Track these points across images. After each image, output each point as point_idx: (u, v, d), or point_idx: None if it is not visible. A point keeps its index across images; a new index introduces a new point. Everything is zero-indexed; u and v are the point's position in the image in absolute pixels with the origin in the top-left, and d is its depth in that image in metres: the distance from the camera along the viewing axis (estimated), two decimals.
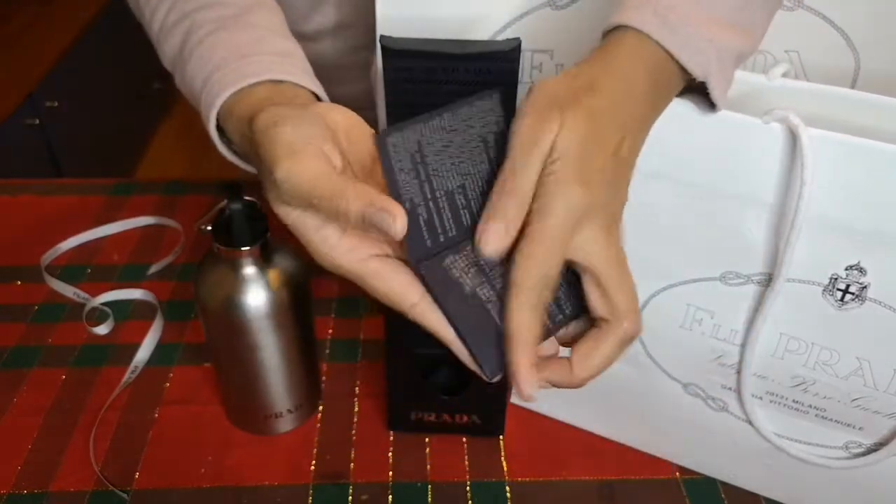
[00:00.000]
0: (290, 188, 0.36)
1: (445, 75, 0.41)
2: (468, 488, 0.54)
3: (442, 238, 0.36)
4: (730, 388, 0.49)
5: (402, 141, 0.36)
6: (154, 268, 0.73)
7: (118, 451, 0.56)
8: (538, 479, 0.55)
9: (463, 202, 0.37)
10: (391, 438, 0.58)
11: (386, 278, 0.37)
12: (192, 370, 0.63)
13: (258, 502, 0.53)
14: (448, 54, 0.41)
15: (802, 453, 0.49)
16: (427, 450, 0.57)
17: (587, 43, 0.41)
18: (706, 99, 0.40)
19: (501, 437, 0.58)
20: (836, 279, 0.42)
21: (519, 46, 0.40)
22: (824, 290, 0.43)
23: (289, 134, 0.37)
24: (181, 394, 0.61)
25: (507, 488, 0.54)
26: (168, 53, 0.53)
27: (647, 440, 0.57)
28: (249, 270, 0.49)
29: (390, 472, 0.55)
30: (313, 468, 0.55)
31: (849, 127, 0.39)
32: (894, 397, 0.44)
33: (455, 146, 0.37)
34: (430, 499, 0.54)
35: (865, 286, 0.42)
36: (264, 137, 0.38)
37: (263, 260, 0.49)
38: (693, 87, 0.41)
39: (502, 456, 0.57)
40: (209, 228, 0.48)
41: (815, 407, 0.47)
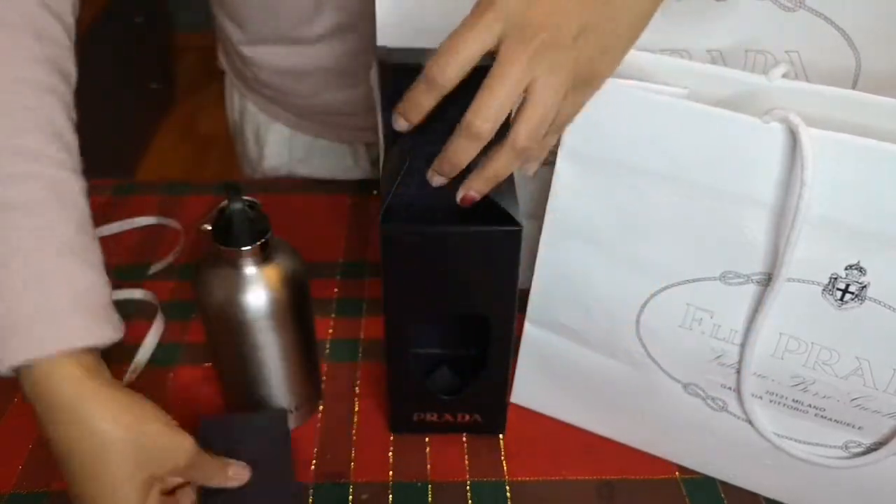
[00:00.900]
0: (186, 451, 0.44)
1: None
2: (468, 488, 0.54)
3: None
4: (729, 388, 0.49)
5: None
6: (154, 268, 0.73)
7: None
8: (538, 479, 0.55)
9: None
10: (391, 438, 0.58)
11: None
12: (193, 370, 0.63)
13: None
14: None
15: (802, 453, 0.49)
16: (427, 450, 0.57)
17: None
18: None
19: (501, 437, 0.58)
20: (836, 279, 0.42)
21: None
22: (824, 290, 0.43)
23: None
24: (182, 394, 0.61)
25: (507, 488, 0.54)
26: None
27: (647, 440, 0.57)
28: (250, 270, 0.49)
29: (390, 472, 0.55)
30: (313, 468, 0.56)
31: (849, 127, 0.39)
32: (894, 397, 0.44)
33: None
34: (430, 498, 0.54)
35: (865, 286, 0.42)
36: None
37: (263, 260, 0.49)
38: None
39: (502, 456, 0.57)
40: (209, 228, 0.49)
41: (815, 406, 0.47)
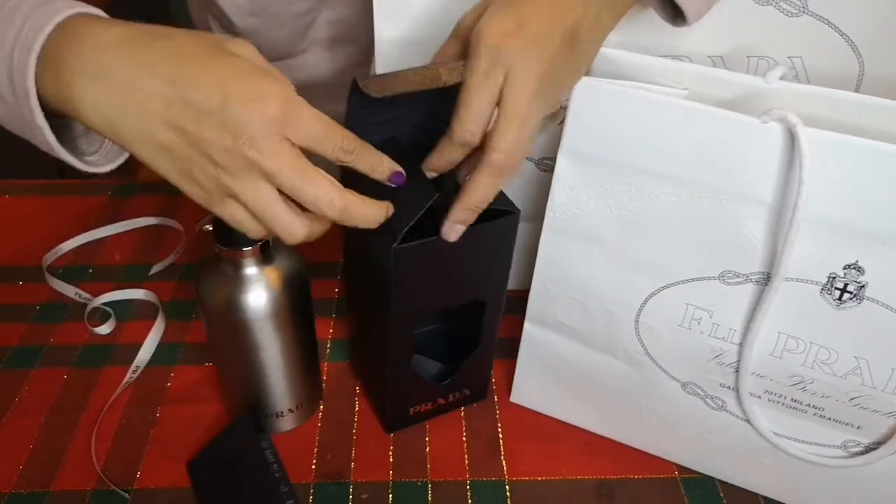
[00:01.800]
0: (307, 119, 0.37)
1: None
2: (468, 487, 0.54)
3: None
4: (728, 387, 0.49)
5: None
6: (155, 268, 0.74)
7: (120, 451, 0.56)
8: (538, 479, 0.55)
9: None
10: (391, 437, 0.58)
11: None
12: (194, 370, 0.63)
13: None
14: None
15: (801, 452, 0.49)
16: (427, 449, 0.57)
17: None
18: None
19: (501, 437, 0.58)
20: (835, 278, 0.42)
21: None
22: (822, 290, 0.43)
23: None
24: (182, 393, 0.61)
25: (507, 488, 0.54)
26: None
27: (646, 439, 0.57)
28: (250, 271, 0.49)
29: (390, 472, 0.55)
30: (314, 467, 0.56)
31: (846, 127, 0.39)
32: (892, 396, 0.44)
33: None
34: (430, 498, 0.54)
35: (863, 285, 0.42)
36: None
37: (264, 260, 0.49)
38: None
39: (502, 455, 0.57)
40: (210, 229, 0.49)
41: (814, 406, 0.47)
